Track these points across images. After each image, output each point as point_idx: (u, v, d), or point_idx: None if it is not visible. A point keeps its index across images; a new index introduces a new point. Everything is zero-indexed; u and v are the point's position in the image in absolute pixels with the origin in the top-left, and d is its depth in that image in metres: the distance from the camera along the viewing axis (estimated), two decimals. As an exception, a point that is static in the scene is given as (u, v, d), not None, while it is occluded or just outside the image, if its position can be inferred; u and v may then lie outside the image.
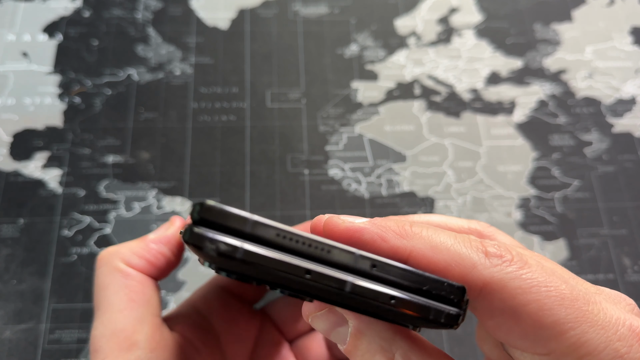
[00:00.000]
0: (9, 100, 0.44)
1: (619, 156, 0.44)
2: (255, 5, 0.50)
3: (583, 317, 0.17)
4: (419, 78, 0.47)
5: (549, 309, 0.17)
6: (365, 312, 0.17)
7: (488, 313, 0.18)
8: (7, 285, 0.38)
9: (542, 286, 0.17)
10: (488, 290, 0.17)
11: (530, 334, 0.17)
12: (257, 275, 0.15)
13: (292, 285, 0.16)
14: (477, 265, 0.17)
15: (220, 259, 0.15)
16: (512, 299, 0.17)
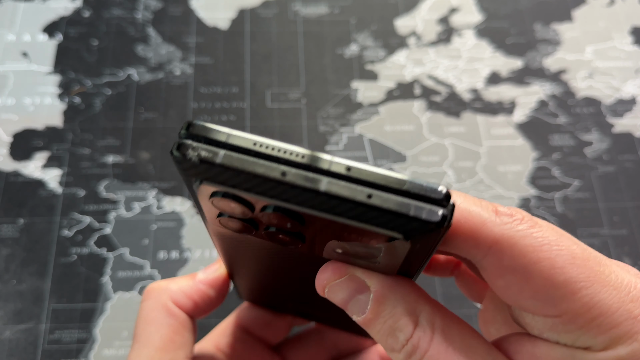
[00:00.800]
0: (9, 100, 0.44)
1: (619, 156, 0.44)
2: (255, 5, 0.50)
3: (595, 277, 0.17)
4: (419, 78, 0.47)
5: (561, 267, 0.16)
6: (343, 216, 0.16)
7: (498, 272, 0.17)
8: (7, 286, 0.37)
9: (554, 244, 0.17)
10: (498, 248, 0.17)
11: (542, 294, 0.17)
12: (238, 184, 0.16)
13: (269, 192, 0.16)
14: (487, 222, 0.17)
15: (203, 167, 0.16)
16: (522, 257, 0.17)
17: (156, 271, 0.38)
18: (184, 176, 0.17)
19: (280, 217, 0.17)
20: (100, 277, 0.38)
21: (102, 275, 0.38)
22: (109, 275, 0.38)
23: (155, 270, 0.38)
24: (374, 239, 0.16)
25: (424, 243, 0.16)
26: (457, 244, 0.18)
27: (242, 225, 0.18)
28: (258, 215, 0.17)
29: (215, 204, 0.17)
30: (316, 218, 0.16)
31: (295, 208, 0.16)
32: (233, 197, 0.16)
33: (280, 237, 0.18)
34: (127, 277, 0.38)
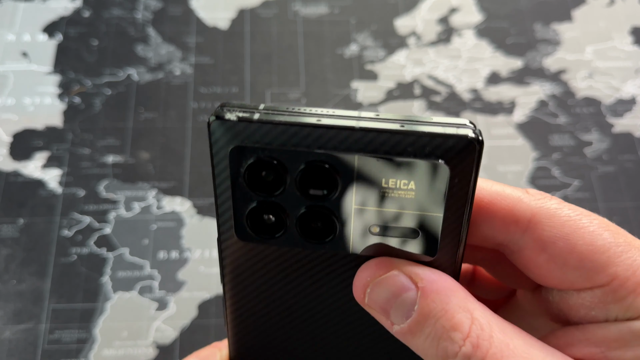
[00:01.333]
0: (9, 100, 0.44)
1: (619, 156, 0.44)
2: (255, 5, 0.50)
3: (630, 243, 0.17)
4: (419, 78, 0.47)
5: (599, 233, 0.17)
6: (379, 151, 0.16)
7: (539, 246, 0.18)
8: (7, 286, 0.38)
9: (586, 215, 0.18)
10: (537, 220, 0.17)
11: (588, 260, 0.17)
12: (275, 138, 0.16)
13: (306, 140, 0.16)
14: (523, 198, 0.18)
15: (240, 126, 0.16)
16: (563, 226, 0.17)
17: (156, 271, 0.38)
18: (217, 147, 0.17)
19: (316, 171, 0.17)
20: (100, 277, 0.38)
21: (102, 275, 0.38)
22: (109, 275, 0.38)
23: (155, 270, 0.38)
24: (411, 177, 0.16)
25: (463, 171, 0.16)
26: (496, 222, 0.18)
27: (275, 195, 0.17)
28: (292, 185, 0.17)
29: (249, 173, 0.17)
30: (350, 169, 0.16)
31: (331, 154, 0.16)
32: (269, 156, 0.16)
33: (314, 214, 0.18)
34: (127, 277, 0.38)
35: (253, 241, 0.19)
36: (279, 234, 0.18)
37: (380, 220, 0.17)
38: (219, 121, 0.17)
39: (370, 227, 0.18)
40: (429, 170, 0.16)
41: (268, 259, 0.19)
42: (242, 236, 0.19)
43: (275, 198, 0.18)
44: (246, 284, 0.20)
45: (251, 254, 0.19)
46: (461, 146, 0.16)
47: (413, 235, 0.17)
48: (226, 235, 0.19)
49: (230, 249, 0.19)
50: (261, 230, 0.18)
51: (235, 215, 0.18)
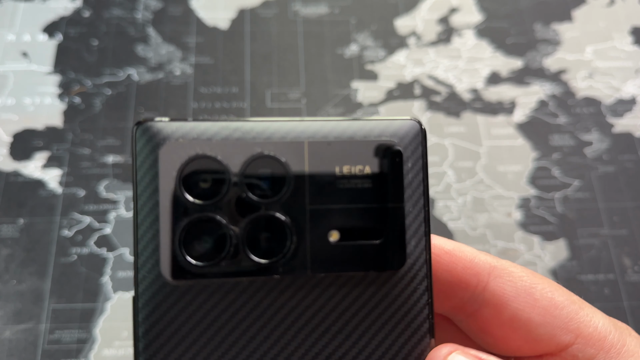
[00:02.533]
0: (9, 100, 0.44)
1: (619, 156, 0.44)
2: (255, 5, 0.50)
3: (582, 301, 0.17)
4: (419, 78, 0.47)
5: (554, 290, 0.17)
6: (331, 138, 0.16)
7: (502, 301, 0.17)
8: (7, 286, 0.38)
9: (536, 274, 0.18)
10: (497, 274, 0.17)
11: (550, 316, 0.17)
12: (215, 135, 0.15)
13: (249, 133, 0.15)
14: (480, 254, 0.18)
15: (174, 124, 0.15)
16: (522, 281, 0.17)
17: (156, 271, 0.38)
18: (144, 153, 0.15)
19: (263, 165, 0.15)
20: (100, 277, 0.38)
21: (102, 275, 0.38)
22: (109, 275, 0.38)
23: (155, 270, 0.38)
24: (366, 161, 0.15)
25: (414, 154, 0.16)
26: (457, 273, 0.17)
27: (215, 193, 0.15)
28: (237, 187, 0.15)
29: (186, 175, 0.15)
30: (301, 158, 0.15)
31: (279, 141, 0.15)
32: (209, 151, 0.15)
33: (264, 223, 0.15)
34: (127, 277, 0.38)
35: (186, 276, 0.15)
36: (219, 260, 0.15)
37: (339, 221, 0.16)
38: (146, 124, 0.15)
39: (329, 233, 0.16)
40: (382, 153, 0.16)
41: (204, 299, 0.15)
42: (173, 270, 0.15)
43: (217, 207, 0.15)
44: (175, 343, 0.15)
45: (181, 295, 0.15)
46: (407, 127, 0.16)
47: (377, 237, 0.16)
48: (149, 274, 0.15)
49: (154, 292, 0.15)
50: (199, 256, 0.15)
51: (163, 242, 0.15)
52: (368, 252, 0.16)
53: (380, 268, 0.16)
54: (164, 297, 0.15)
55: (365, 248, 0.16)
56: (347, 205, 0.16)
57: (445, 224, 0.41)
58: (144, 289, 0.15)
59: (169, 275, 0.15)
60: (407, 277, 0.16)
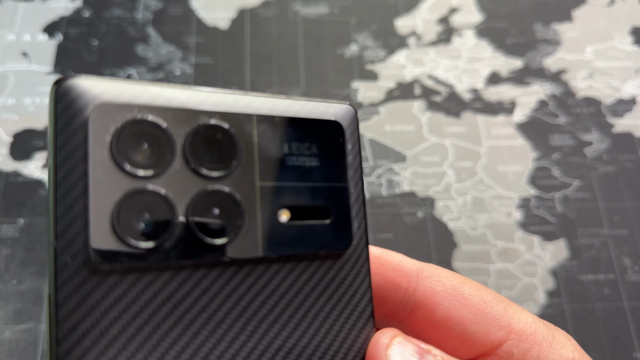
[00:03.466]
0: (9, 100, 0.44)
1: (619, 156, 0.44)
2: (255, 5, 0.50)
3: (508, 301, 0.18)
4: (419, 78, 0.47)
5: (481, 289, 0.18)
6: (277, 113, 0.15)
7: (433, 302, 0.17)
8: (7, 286, 0.38)
9: (461, 275, 0.18)
10: (426, 275, 0.18)
11: (482, 314, 0.17)
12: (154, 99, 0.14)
13: (194, 100, 0.14)
14: (406, 258, 0.18)
15: (105, 83, 0.14)
16: (450, 281, 0.18)
17: (156, 271, 0.38)
18: (69, 114, 0.12)
19: (209, 136, 0.13)
20: (100, 277, 0.38)
21: (102, 275, 0.38)
22: (109, 275, 0.38)
23: (155, 270, 0.38)
24: (312, 138, 0.15)
25: (353, 136, 0.16)
26: (387, 275, 0.18)
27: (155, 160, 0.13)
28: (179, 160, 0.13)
29: (121, 140, 0.13)
30: (249, 131, 0.14)
31: (227, 111, 0.14)
32: (148, 116, 0.13)
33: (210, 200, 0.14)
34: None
35: (119, 261, 0.12)
36: (161, 241, 0.13)
37: (289, 199, 0.15)
38: (70, 81, 0.13)
39: (279, 211, 0.15)
40: (326, 131, 0.16)
41: (143, 288, 0.13)
42: (103, 254, 0.12)
43: (156, 182, 0.13)
44: (105, 344, 0.12)
45: (115, 284, 0.12)
46: (345, 110, 0.16)
47: (325, 217, 0.15)
48: (73, 259, 0.12)
49: (80, 282, 0.12)
50: (138, 236, 0.13)
51: (94, 219, 0.12)
52: (318, 232, 0.15)
53: (331, 248, 0.15)
54: (92, 287, 0.12)
55: (316, 228, 0.15)
56: (297, 183, 0.15)
57: (445, 224, 0.41)
58: (65, 279, 0.12)
59: (101, 259, 0.12)
60: (352, 258, 0.16)
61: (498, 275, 0.39)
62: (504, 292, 0.39)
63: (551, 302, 0.39)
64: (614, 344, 0.37)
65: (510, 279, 0.39)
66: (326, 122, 0.16)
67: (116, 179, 0.12)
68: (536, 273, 0.40)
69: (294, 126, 0.15)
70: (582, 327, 0.38)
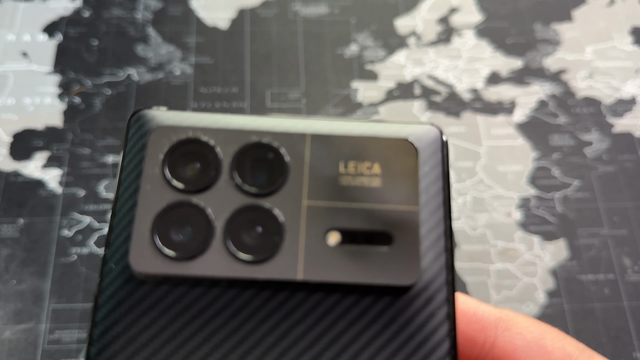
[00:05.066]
0: (9, 100, 0.44)
1: (619, 156, 0.44)
2: (255, 5, 0.50)
3: (589, 349, 0.17)
4: (419, 78, 0.47)
5: (563, 338, 0.16)
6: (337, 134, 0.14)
7: (514, 357, 0.16)
8: (7, 286, 0.38)
9: (539, 322, 0.17)
10: (505, 326, 0.16)
11: (562, 355, 0.16)
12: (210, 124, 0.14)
13: (247, 125, 0.14)
14: (481, 304, 0.17)
15: (170, 113, 0.15)
16: (531, 332, 0.16)
17: (156, 271, 0.38)
18: (136, 138, 0.14)
19: (255, 155, 0.13)
20: (100, 277, 0.38)
21: (102, 275, 0.38)
22: (109, 275, 0.38)
23: (155, 270, 0.38)
24: (375, 158, 0.14)
25: (432, 157, 0.14)
26: (462, 328, 0.16)
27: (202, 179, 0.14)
28: (225, 177, 0.13)
29: (171, 156, 0.13)
30: (301, 151, 0.13)
31: (277, 131, 0.14)
32: (198, 135, 0.14)
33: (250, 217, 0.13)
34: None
35: (157, 269, 0.13)
36: (196, 254, 0.13)
37: (340, 221, 0.13)
38: (142, 112, 0.14)
39: (327, 234, 0.13)
40: (395, 151, 0.14)
41: (175, 300, 0.13)
42: (141, 262, 0.13)
43: (199, 196, 0.13)
44: (135, 349, 0.13)
45: (149, 292, 0.13)
46: (425, 130, 0.15)
47: (385, 242, 0.13)
48: (117, 265, 0.13)
49: (118, 287, 0.13)
50: (174, 247, 0.13)
51: (137, 229, 0.13)
52: (373, 259, 0.13)
53: (387, 280, 0.13)
54: (127, 294, 0.13)
55: (370, 254, 0.13)
56: (351, 204, 0.14)
57: (445, 224, 0.41)
58: (108, 283, 0.13)
59: (137, 267, 0.13)
60: (421, 297, 0.13)
61: (498, 275, 0.39)
62: (504, 292, 0.39)
63: (551, 302, 0.39)
64: (614, 344, 0.37)
65: (510, 279, 0.39)
66: (393, 141, 0.14)
67: (161, 192, 0.13)
68: (536, 273, 0.40)
69: (355, 144, 0.14)
70: (582, 327, 0.38)
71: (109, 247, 0.13)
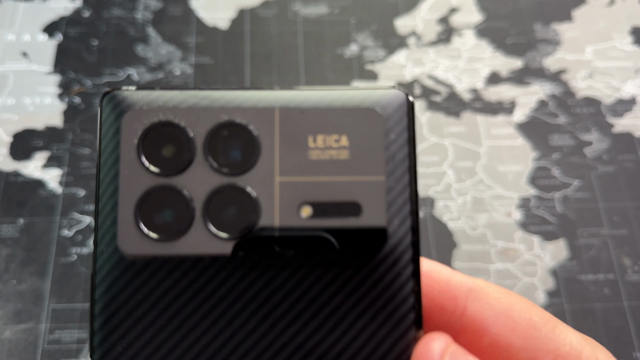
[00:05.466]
0: (9, 100, 0.44)
1: (619, 156, 0.44)
2: (255, 5, 0.50)
3: (555, 318, 0.17)
4: (419, 78, 0.47)
5: (530, 309, 0.17)
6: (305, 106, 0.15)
7: (481, 326, 0.17)
8: (7, 285, 0.38)
9: (510, 292, 0.17)
10: (475, 296, 0.17)
11: (530, 339, 0.16)
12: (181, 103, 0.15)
13: (217, 101, 0.15)
14: (455, 273, 0.17)
15: (140, 92, 0.15)
16: (500, 303, 0.17)
17: (156, 271, 0.38)
18: (109, 122, 0.14)
19: (228, 133, 0.14)
20: (100, 277, 0.38)
21: (102, 275, 0.38)
22: (109, 275, 0.38)
23: (155, 270, 0.38)
24: (342, 131, 0.14)
25: (398, 124, 0.15)
26: (434, 296, 0.17)
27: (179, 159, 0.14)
28: (199, 158, 0.14)
29: (145, 140, 0.14)
30: (270, 127, 0.14)
31: (247, 107, 0.14)
32: (171, 117, 0.14)
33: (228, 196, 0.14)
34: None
35: (143, 250, 0.14)
36: (178, 234, 0.14)
37: (312, 195, 0.14)
38: (112, 93, 0.14)
39: (300, 207, 0.14)
40: (361, 121, 0.14)
41: (162, 278, 0.14)
42: (129, 244, 0.14)
43: (176, 179, 0.14)
44: (129, 324, 0.14)
45: (138, 272, 0.14)
46: (391, 96, 0.15)
47: (354, 212, 0.14)
48: (107, 248, 0.14)
49: (110, 268, 0.14)
50: (157, 228, 0.14)
51: (121, 213, 0.14)
52: (343, 229, 0.14)
53: (357, 248, 0.14)
54: (120, 273, 0.14)
55: (341, 225, 0.14)
56: (320, 178, 0.14)
57: (445, 224, 0.41)
58: (101, 264, 0.14)
59: (126, 249, 0.14)
60: (388, 260, 0.14)
61: (498, 275, 0.39)
62: (504, 292, 0.39)
63: (551, 302, 0.39)
64: (614, 344, 0.37)
65: (510, 279, 0.39)
66: (360, 111, 0.14)
67: (140, 177, 0.14)
68: (536, 273, 0.40)
69: (322, 117, 0.14)
70: (582, 327, 0.38)
71: (98, 230, 0.14)
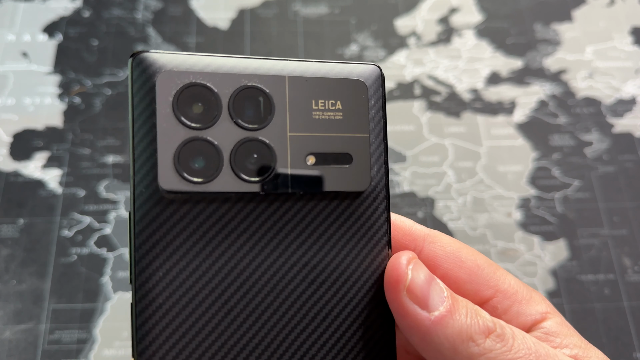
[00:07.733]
0: (9, 100, 0.44)
1: (619, 156, 0.44)
2: (255, 5, 0.50)
3: (495, 264, 0.21)
4: (419, 78, 0.47)
5: (475, 253, 0.21)
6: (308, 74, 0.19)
7: (434, 264, 0.20)
8: (7, 286, 0.38)
9: (458, 241, 0.21)
10: (431, 240, 0.20)
11: (475, 275, 0.20)
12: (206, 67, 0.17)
13: (238, 66, 0.18)
14: (415, 224, 0.21)
15: (167, 56, 0.17)
16: (450, 246, 0.20)
17: (156, 271, 0.38)
18: (141, 81, 0.17)
19: (249, 95, 0.17)
20: (100, 277, 0.38)
21: (102, 275, 0.38)
22: (109, 276, 0.38)
23: (155, 271, 0.38)
24: (337, 97, 0.18)
25: (376, 93, 0.19)
26: (398, 238, 0.20)
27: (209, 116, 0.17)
28: (225, 114, 0.17)
29: (180, 100, 0.17)
30: (282, 91, 0.18)
31: (263, 74, 0.18)
32: (202, 80, 0.17)
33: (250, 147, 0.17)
34: (127, 278, 0.38)
35: (180, 191, 0.17)
36: (211, 177, 0.17)
37: (315, 147, 0.18)
38: (142, 55, 0.17)
39: (306, 157, 0.18)
40: (351, 89, 0.19)
41: (197, 213, 0.17)
42: (170, 184, 0.17)
43: (207, 132, 0.17)
44: (169, 252, 0.17)
45: (176, 209, 0.17)
46: (370, 70, 0.19)
47: (347, 161, 0.19)
48: (146, 189, 0.17)
49: (151, 207, 0.17)
50: (193, 173, 0.17)
51: (161, 159, 0.17)
52: (339, 174, 0.18)
53: (350, 187, 0.19)
54: (160, 210, 0.17)
55: (337, 171, 0.18)
56: (322, 134, 0.18)
57: (445, 224, 0.41)
58: (141, 204, 0.17)
59: (167, 187, 0.17)
60: (371, 196, 0.19)
61: (498, 275, 0.39)
62: (504, 292, 0.39)
63: (551, 302, 0.38)
64: (614, 344, 0.37)
65: (510, 279, 0.39)
66: (351, 81, 0.19)
67: (177, 129, 0.17)
68: (536, 273, 0.40)
69: (322, 85, 0.18)
70: (582, 327, 0.38)
71: (135, 174, 0.17)
